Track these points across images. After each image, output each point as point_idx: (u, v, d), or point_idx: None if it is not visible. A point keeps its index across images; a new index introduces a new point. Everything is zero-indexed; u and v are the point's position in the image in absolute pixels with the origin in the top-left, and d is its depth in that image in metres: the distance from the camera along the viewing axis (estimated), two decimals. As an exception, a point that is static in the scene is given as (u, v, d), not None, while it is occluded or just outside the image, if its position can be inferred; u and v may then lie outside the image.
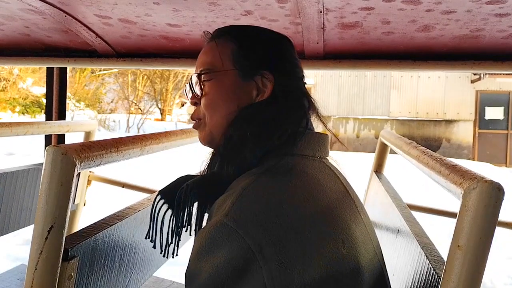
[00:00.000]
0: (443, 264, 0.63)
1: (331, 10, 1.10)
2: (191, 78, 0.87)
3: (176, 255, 0.91)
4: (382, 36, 1.26)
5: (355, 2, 1.03)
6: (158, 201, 0.85)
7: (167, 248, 0.88)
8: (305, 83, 0.89)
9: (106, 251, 0.94)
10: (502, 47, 1.27)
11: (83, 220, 2.17)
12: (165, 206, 0.84)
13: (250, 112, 0.80)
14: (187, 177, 0.86)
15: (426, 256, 0.84)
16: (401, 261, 1.06)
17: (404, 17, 1.11)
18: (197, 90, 0.85)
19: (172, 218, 0.83)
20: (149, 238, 0.88)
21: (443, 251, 0.75)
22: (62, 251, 0.73)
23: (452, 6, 1.02)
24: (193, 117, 0.87)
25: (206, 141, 0.85)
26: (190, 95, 0.88)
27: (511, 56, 1.32)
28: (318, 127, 0.87)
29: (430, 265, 0.80)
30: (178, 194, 0.80)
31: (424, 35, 1.23)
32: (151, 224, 0.87)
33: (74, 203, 2.09)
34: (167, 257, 0.90)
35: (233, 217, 0.63)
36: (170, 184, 0.87)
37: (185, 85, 0.90)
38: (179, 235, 0.84)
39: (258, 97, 0.81)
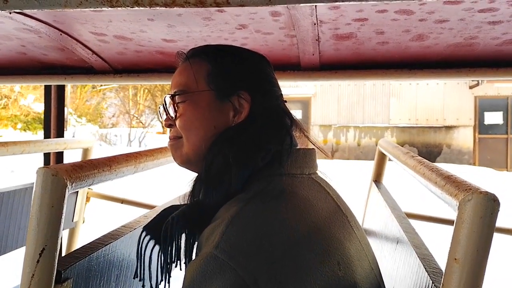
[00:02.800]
0: (442, 277, 0.62)
1: (325, 22, 1.10)
2: (164, 99, 0.84)
3: None
4: (377, 46, 1.27)
5: (349, 13, 1.04)
6: (144, 237, 0.82)
7: (157, 287, 0.85)
8: (285, 101, 0.87)
9: (101, 271, 0.92)
10: (497, 54, 1.28)
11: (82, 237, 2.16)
12: (152, 242, 0.82)
13: (229, 135, 0.77)
14: (171, 209, 0.82)
15: (425, 268, 0.83)
16: (400, 273, 1.04)
17: (398, 27, 1.11)
18: (171, 111, 0.83)
19: (160, 254, 0.79)
20: (137, 277, 0.84)
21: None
22: (55, 274, 0.71)
23: (445, 15, 1.03)
24: (171, 136, 0.85)
25: (181, 162, 0.83)
26: (164, 117, 0.85)
27: (505, 62, 1.32)
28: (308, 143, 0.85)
29: (428, 277, 0.79)
30: (164, 229, 0.77)
31: (419, 44, 1.24)
32: (138, 262, 0.83)
33: (72, 220, 2.08)
34: None
35: (224, 249, 0.61)
36: (154, 218, 0.84)
37: (159, 107, 0.88)
38: (169, 272, 0.81)
39: (235, 117, 0.79)
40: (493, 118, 13.16)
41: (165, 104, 0.84)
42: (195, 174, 0.83)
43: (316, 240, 0.65)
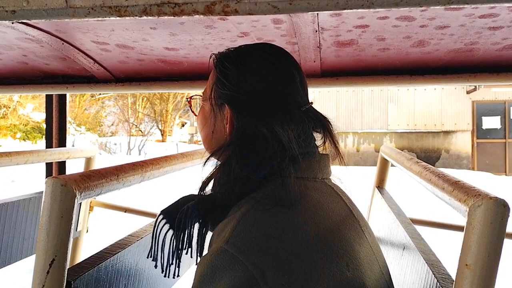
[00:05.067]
0: (451, 283, 0.61)
1: (326, 29, 1.11)
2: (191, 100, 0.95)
3: (178, 276, 0.90)
4: (378, 52, 1.27)
5: (350, 20, 1.04)
6: (160, 220, 0.85)
7: (168, 269, 0.88)
8: (311, 103, 0.86)
9: (109, 281, 0.92)
10: (497, 59, 1.28)
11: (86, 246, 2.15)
12: (167, 226, 0.85)
13: (230, 148, 0.79)
14: (189, 198, 0.86)
15: (434, 274, 0.83)
16: (408, 279, 1.04)
17: (399, 34, 1.12)
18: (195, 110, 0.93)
19: (172, 239, 0.83)
20: (151, 257, 0.88)
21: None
22: (65, 284, 0.71)
23: (445, 21, 1.03)
24: None
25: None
26: None
27: (506, 67, 1.33)
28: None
29: (438, 283, 0.79)
30: (179, 216, 0.81)
31: (420, 50, 1.24)
32: (153, 243, 0.87)
33: (76, 230, 2.07)
34: (168, 277, 0.90)
35: (234, 243, 0.63)
36: (172, 204, 0.88)
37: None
38: (179, 257, 0.84)
39: (226, 126, 0.81)
40: (491, 122, 13.18)
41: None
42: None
43: (325, 240, 0.66)
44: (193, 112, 0.94)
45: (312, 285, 0.61)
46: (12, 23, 1.14)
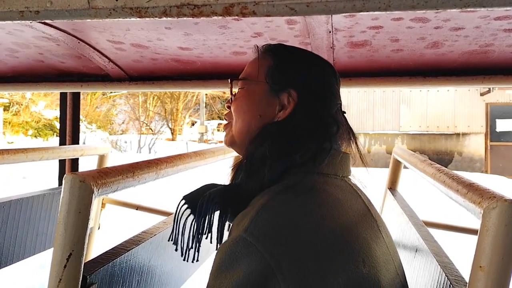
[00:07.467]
0: (465, 285, 0.62)
1: (340, 30, 1.11)
2: (230, 82, 0.92)
3: (197, 260, 0.91)
4: (391, 53, 1.27)
5: (364, 21, 1.04)
6: (182, 205, 0.87)
7: (187, 252, 0.90)
8: (344, 112, 0.90)
9: (123, 276, 0.94)
10: (513, 61, 1.27)
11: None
12: (188, 211, 0.87)
13: (272, 130, 0.81)
14: (212, 186, 0.88)
15: (447, 276, 0.83)
16: (420, 281, 1.04)
17: (413, 35, 1.12)
18: (232, 93, 0.92)
19: (193, 223, 0.85)
20: (172, 240, 0.90)
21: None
22: (81, 279, 0.73)
23: (460, 23, 1.03)
24: (225, 118, 0.92)
25: (228, 144, 0.90)
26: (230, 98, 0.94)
27: (522, 70, 1.32)
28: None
29: (451, 285, 0.79)
30: (200, 202, 0.83)
31: (434, 52, 1.24)
32: (174, 227, 0.89)
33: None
34: (187, 261, 0.91)
35: (252, 232, 0.64)
36: (195, 190, 0.89)
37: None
38: (199, 241, 0.86)
39: (280, 112, 0.83)
40: (505, 125, 13.00)
41: (231, 87, 0.91)
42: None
43: (342, 236, 0.67)
44: (232, 94, 0.92)
45: (327, 279, 0.62)
46: (31, 22, 1.16)
